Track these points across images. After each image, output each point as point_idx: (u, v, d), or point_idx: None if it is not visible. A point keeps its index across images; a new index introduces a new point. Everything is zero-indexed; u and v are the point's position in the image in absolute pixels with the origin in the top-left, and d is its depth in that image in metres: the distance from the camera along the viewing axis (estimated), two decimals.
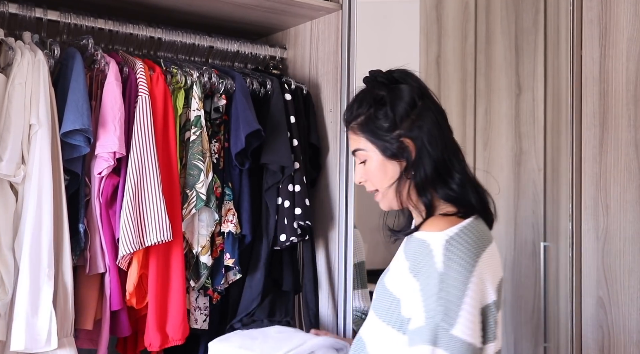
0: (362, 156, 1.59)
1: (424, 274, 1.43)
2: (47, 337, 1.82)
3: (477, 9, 2.42)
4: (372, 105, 1.57)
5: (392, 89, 1.58)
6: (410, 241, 1.50)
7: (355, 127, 1.59)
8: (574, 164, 2.37)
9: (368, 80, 1.63)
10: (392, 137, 1.55)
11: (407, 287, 1.46)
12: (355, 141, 1.60)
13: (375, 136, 1.56)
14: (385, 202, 1.60)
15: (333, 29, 2.35)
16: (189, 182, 2.10)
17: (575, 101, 2.38)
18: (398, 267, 1.51)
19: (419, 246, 1.46)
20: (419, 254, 1.46)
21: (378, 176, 1.57)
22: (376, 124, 1.56)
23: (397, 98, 1.57)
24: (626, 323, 2.25)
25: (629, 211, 2.27)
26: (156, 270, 2.02)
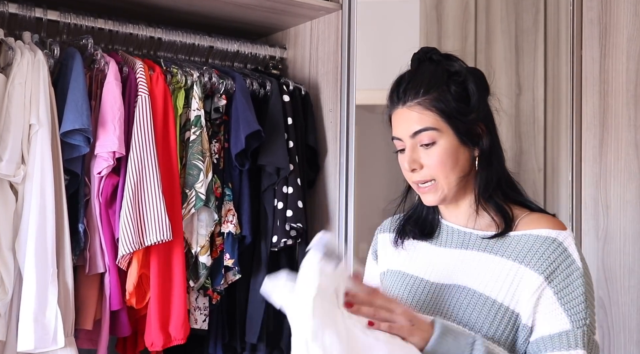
0: (430, 137, 1.35)
1: (559, 275, 1.30)
2: (53, 335, 1.83)
3: (477, 9, 2.42)
4: (447, 80, 1.37)
5: (466, 67, 1.41)
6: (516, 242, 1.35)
7: (425, 102, 1.36)
8: (574, 164, 2.37)
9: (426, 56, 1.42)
10: (469, 120, 1.37)
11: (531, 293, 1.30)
12: (422, 119, 1.36)
13: (451, 114, 1.35)
14: (439, 195, 1.39)
15: (333, 29, 2.35)
16: (189, 182, 2.10)
17: (575, 100, 2.38)
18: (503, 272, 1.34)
19: (548, 246, 1.32)
20: (548, 253, 1.31)
21: (447, 163, 1.36)
22: (451, 102, 1.36)
23: (476, 78, 1.40)
24: (626, 323, 2.25)
25: (629, 211, 2.27)
26: (157, 270, 2.02)
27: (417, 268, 1.46)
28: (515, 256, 1.34)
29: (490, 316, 1.32)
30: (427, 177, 1.38)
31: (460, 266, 1.40)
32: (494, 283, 1.34)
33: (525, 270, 1.32)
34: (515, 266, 1.33)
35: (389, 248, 1.55)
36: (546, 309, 1.30)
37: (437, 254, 1.45)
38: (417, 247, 1.49)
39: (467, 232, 1.43)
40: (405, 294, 1.44)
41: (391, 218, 1.59)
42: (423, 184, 1.39)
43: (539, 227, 1.35)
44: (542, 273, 1.31)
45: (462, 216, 1.45)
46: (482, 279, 1.35)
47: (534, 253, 1.32)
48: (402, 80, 1.41)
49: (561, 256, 1.32)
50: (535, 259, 1.32)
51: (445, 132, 1.35)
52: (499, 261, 1.35)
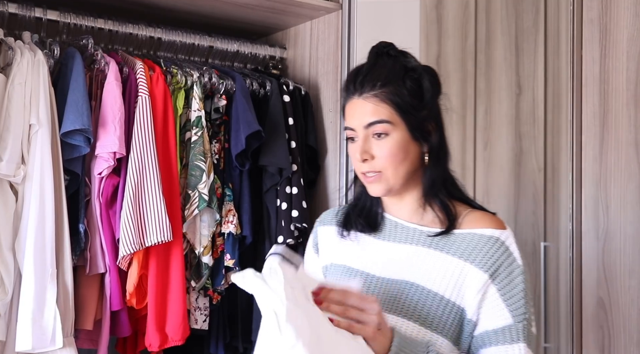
0: (384, 129, 1.38)
1: (502, 273, 1.37)
2: (52, 336, 1.83)
3: (477, 9, 2.41)
4: (404, 75, 1.40)
5: (422, 65, 1.43)
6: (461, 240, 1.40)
7: (381, 95, 1.38)
8: (574, 164, 2.37)
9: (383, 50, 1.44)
10: (421, 116, 1.40)
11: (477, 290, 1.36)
12: (378, 111, 1.38)
13: (405, 109, 1.38)
14: (384, 186, 1.42)
15: (333, 28, 2.35)
16: (191, 183, 2.09)
17: (576, 101, 2.38)
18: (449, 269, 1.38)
19: (492, 245, 1.38)
20: (492, 252, 1.37)
21: (397, 156, 1.39)
22: (406, 97, 1.38)
23: (430, 76, 1.43)
24: (626, 323, 2.25)
25: (629, 211, 2.27)
26: (156, 270, 2.02)
27: (363, 262, 1.48)
28: (461, 253, 1.39)
29: (438, 312, 1.37)
30: (377, 168, 1.40)
31: (407, 262, 1.43)
32: (441, 280, 1.39)
33: (470, 268, 1.37)
34: (461, 263, 1.38)
35: (332, 241, 1.55)
36: (490, 306, 1.36)
37: (383, 248, 1.47)
38: (362, 241, 1.50)
39: (411, 228, 1.46)
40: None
41: (332, 210, 1.61)
42: (371, 174, 1.41)
43: (483, 226, 1.41)
44: (487, 271, 1.37)
45: (405, 210, 1.47)
46: (429, 276, 1.39)
47: (479, 252, 1.38)
48: (360, 72, 1.43)
49: (503, 255, 1.38)
50: (480, 257, 1.37)
51: (398, 126, 1.39)
52: (445, 258, 1.40)
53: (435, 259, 1.40)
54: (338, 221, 1.54)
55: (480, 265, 1.37)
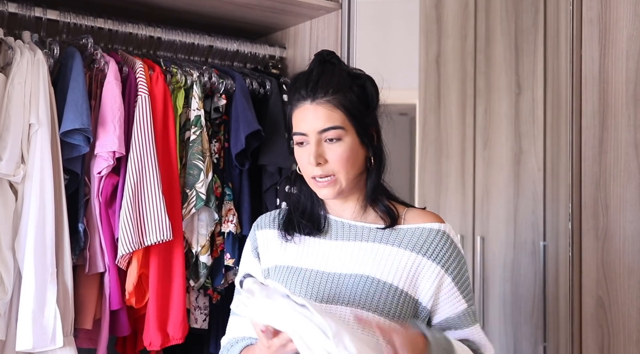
0: (337, 135, 1.45)
1: (452, 263, 1.50)
2: (52, 335, 1.83)
3: (477, 9, 2.41)
4: (351, 82, 1.49)
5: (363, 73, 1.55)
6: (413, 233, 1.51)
7: (334, 101, 1.46)
8: (573, 163, 2.37)
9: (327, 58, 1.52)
10: (366, 123, 1.50)
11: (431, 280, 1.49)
12: (331, 117, 1.45)
13: (354, 115, 1.47)
14: (337, 189, 1.48)
15: (333, 28, 2.35)
16: (189, 182, 2.10)
17: (575, 100, 2.38)
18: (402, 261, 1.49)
19: (440, 238, 1.50)
20: (441, 245, 1.50)
21: (348, 161, 1.47)
22: (355, 103, 1.47)
23: (372, 83, 1.53)
24: (626, 323, 2.25)
25: (628, 211, 2.27)
26: (156, 270, 2.02)
27: (311, 261, 1.53)
28: (412, 247, 1.50)
29: (394, 302, 1.46)
30: (329, 172, 1.47)
31: (359, 257, 1.51)
32: (395, 272, 1.48)
33: (423, 260, 1.49)
34: (413, 256, 1.49)
35: (273, 244, 1.59)
36: (447, 295, 1.50)
37: (331, 247, 1.54)
38: (307, 243, 1.56)
39: (359, 226, 1.54)
40: (300, 287, 1.51)
41: (268, 214, 1.66)
42: (323, 178, 1.47)
43: (427, 221, 1.52)
44: (439, 263, 1.49)
45: (348, 211, 1.56)
46: (383, 269, 1.49)
47: (429, 245, 1.49)
48: (310, 78, 1.48)
49: (451, 247, 1.51)
50: (431, 250, 1.49)
51: (349, 131, 1.46)
52: (397, 251, 1.50)
53: (387, 252, 1.50)
54: (279, 225, 1.59)
55: (433, 258, 1.49)
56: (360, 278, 1.48)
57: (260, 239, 1.62)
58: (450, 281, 1.50)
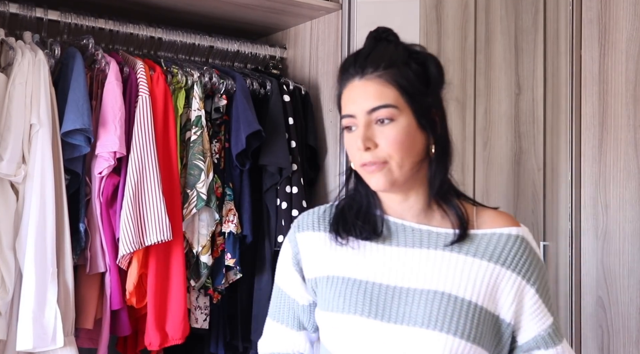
0: (389, 114, 1.23)
1: (534, 272, 1.30)
2: (52, 335, 1.83)
3: (477, 9, 2.42)
4: (409, 58, 1.27)
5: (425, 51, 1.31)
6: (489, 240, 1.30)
7: (386, 75, 1.24)
8: (573, 163, 2.37)
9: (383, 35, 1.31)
10: (427, 103, 1.26)
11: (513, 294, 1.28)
12: (383, 94, 1.24)
13: (411, 93, 1.24)
14: (389, 179, 1.25)
15: (333, 28, 2.35)
16: (190, 182, 2.10)
17: (575, 100, 2.38)
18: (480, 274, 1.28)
19: (519, 245, 1.30)
20: (520, 253, 1.29)
21: (402, 145, 1.23)
22: (412, 80, 1.25)
23: (436, 62, 1.30)
24: (625, 323, 2.25)
25: (628, 211, 2.27)
26: (156, 270, 2.02)
27: (372, 272, 1.30)
28: (490, 256, 1.29)
29: (474, 322, 1.25)
30: (381, 157, 1.24)
31: (427, 267, 1.29)
32: (473, 286, 1.27)
33: (502, 270, 1.28)
34: (491, 266, 1.28)
35: (321, 250, 1.35)
36: (533, 309, 1.30)
37: (394, 254, 1.30)
38: (364, 249, 1.32)
39: (424, 230, 1.31)
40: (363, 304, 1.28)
41: (311, 213, 1.40)
42: (373, 165, 1.24)
43: (502, 225, 1.32)
44: (519, 273, 1.29)
45: (411, 211, 1.32)
46: (459, 282, 1.27)
47: (508, 253, 1.29)
48: (360, 54, 1.29)
49: (530, 254, 1.30)
50: (510, 259, 1.29)
51: (404, 111, 1.24)
52: (473, 261, 1.28)
53: (462, 263, 1.28)
54: (327, 226, 1.35)
55: (512, 268, 1.28)
56: (434, 294, 1.26)
57: (302, 243, 1.37)
58: (533, 293, 1.29)
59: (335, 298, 1.30)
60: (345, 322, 1.28)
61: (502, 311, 1.29)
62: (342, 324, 1.29)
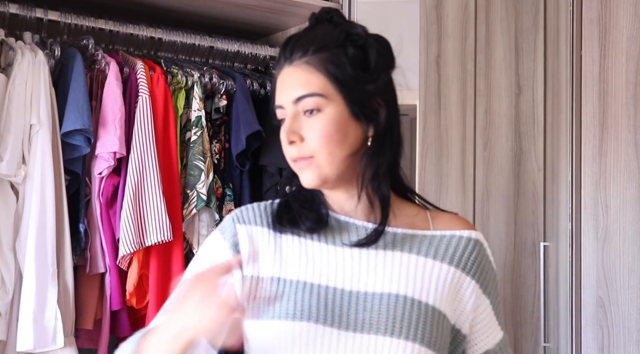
0: (315, 104, 1.12)
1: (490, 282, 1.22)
2: (53, 336, 1.83)
3: (477, 9, 2.42)
4: (345, 41, 1.14)
5: (370, 33, 1.18)
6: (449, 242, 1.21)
7: (313, 61, 1.13)
8: (573, 164, 2.37)
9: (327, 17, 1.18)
10: (365, 91, 1.14)
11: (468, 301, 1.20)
12: (308, 82, 1.13)
13: (342, 80, 1.12)
14: (319, 174, 1.14)
15: None
16: (190, 183, 2.10)
17: (575, 100, 2.38)
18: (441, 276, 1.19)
19: (478, 250, 1.22)
20: (479, 259, 1.21)
21: (332, 137, 1.12)
22: (345, 65, 1.13)
23: (380, 45, 1.17)
24: (626, 323, 2.25)
25: (628, 211, 2.27)
26: (156, 270, 2.02)
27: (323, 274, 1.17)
28: (450, 258, 1.20)
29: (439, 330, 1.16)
30: (307, 152, 1.13)
31: (385, 269, 1.17)
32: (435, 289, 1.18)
33: (461, 275, 1.20)
34: (452, 270, 1.19)
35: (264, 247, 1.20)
36: (485, 321, 1.22)
37: (345, 255, 1.18)
38: (311, 248, 1.19)
39: (369, 228, 1.19)
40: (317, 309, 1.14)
41: (250, 208, 1.25)
42: (301, 160, 1.14)
43: (460, 227, 1.23)
44: (477, 280, 1.21)
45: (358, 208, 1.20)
46: (421, 285, 1.17)
47: (467, 258, 1.20)
48: (292, 39, 1.17)
49: (487, 261, 1.23)
50: (470, 264, 1.20)
51: (333, 100, 1.12)
52: (434, 263, 1.19)
53: (422, 265, 1.19)
54: (270, 223, 1.22)
55: (472, 274, 1.20)
56: (396, 298, 1.15)
57: (244, 236, 1.21)
58: (488, 304, 1.21)
59: (284, 302, 1.14)
60: (295, 330, 1.12)
61: (458, 319, 1.20)
62: (290, 333, 1.12)
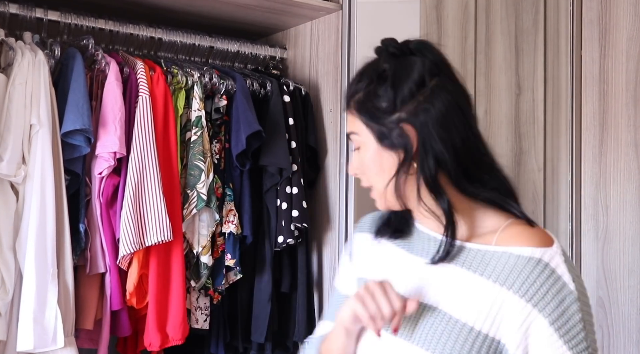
0: (357, 142, 1.26)
1: (552, 302, 1.16)
2: (53, 336, 1.83)
3: (477, 9, 2.42)
4: (374, 80, 1.24)
5: (399, 62, 1.24)
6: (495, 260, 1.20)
7: (353, 105, 1.26)
8: (573, 164, 2.38)
9: (378, 50, 1.28)
10: (390, 121, 1.22)
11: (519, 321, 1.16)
12: (351, 123, 1.27)
13: (372, 117, 1.23)
14: (383, 202, 1.27)
15: (333, 29, 2.35)
16: (190, 183, 2.10)
17: (575, 101, 2.38)
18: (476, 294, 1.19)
19: (533, 268, 1.17)
20: (534, 277, 1.16)
21: (373, 169, 1.24)
22: (375, 103, 1.22)
23: (401, 73, 1.23)
24: (626, 323, 2.25)
25: (628, 211, 2.28)
26: (156, 270, 2.02)
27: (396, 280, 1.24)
28: (497, 277, 1.18)
29: (465, 346, 1.17)
30: (366, 183, 1.28)
31: (430, 280, 1.23)
32: (472, 307, 1.19)
33: (507, 294, 1.17)
34: (497, 288, 1.18)
35: (365, 250, 1.37)
36: (544, 343, 1.16)
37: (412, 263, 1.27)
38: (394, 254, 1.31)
39: (437, 239, 1.25)
40: None
41: (371, 215, 1.40)
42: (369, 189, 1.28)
43: (522, 244, 1.20)
44: (530, 299, 1.16)
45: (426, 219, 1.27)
46: (457, 301, 1.20)
47: (517, 276, 1.17)
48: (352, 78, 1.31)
49: (549, 279, 1.17)
50: (519, 283, 1.17)
51: (365, 137, 1.24)
52: (478, 280, 1.19)
53: (466, 281, 1.20)
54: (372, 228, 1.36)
55: (521, 292, 1.16)
56: (431, 311, 1.21)
57: (356, 242, 1.39)
58: (547, 325, 1.15)
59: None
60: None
61: (506, 338, 1.18)
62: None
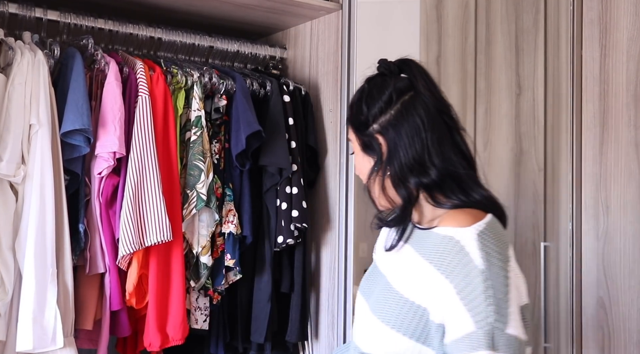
0: (352, 147, 1.53)
1: (459, 274, 1.30)
2: (52, 336, 1.83)
3: (477, 9, 2.42)
4: (359, 96, 1.50)
5: (375, 82, 1.48)
6: (427, 239, 1.39)
7: (348, 116, 1.53)
8: (574, 164, 2.37)
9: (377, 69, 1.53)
10: (368, 132, 1.46)
11: (436, 291, 1.32)
12: (349, 131, 1.53)
13: (356, 128, 1.48)
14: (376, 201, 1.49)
15: (333, 29, 2.35)
16: (190, 183, 2.10)
17: (576, 101, 2.38)
18: (413, 268, 1.39)
19: (446, 244, 1.34)
20: (447, 253, 1.33)
21: (361, 171, 1.50)
22: (358, 117, 1.48)
23: (374, 93, 1.47)
24: (626, 323, 2.25)
25: (629, 211, 2.27)
26: (156, 270, 2.02)
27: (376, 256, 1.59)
28: (427, 253, 1.37)
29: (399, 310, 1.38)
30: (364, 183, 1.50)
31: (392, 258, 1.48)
32: (408, 281, 1.39)
33: (429, 267, 1.35)
34: (425, 263, 1.36)
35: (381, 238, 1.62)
36: (452, 311, 1.30)
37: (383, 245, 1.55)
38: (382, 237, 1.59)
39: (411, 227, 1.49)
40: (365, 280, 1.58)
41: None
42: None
43: (443, 225, 1.37)
44: (443, 272, 1.32)
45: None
46: (400, 276, 1.42)
47: (436, 251, 1.35)
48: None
49: (458, 255, 1.31)
50: (437, 257, 1.34)
51: (354, 143, 1.50)
52: (415, 257, 1.40)
53: (409, 258, 1.42)
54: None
55: (438, 266, 1.33)
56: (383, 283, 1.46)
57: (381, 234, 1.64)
58: (454, 294, 1.30)
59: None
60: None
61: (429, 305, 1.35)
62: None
